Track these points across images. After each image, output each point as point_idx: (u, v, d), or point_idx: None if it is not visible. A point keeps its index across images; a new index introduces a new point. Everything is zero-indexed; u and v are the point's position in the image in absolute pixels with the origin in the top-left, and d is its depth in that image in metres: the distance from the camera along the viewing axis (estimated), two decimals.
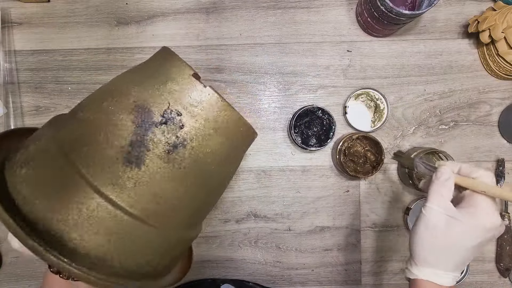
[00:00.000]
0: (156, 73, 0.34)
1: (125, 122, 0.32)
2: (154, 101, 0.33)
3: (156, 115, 0.32)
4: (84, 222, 0.30)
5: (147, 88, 0.33)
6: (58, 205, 0.30)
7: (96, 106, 0.34)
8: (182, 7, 0.66)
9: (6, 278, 0.66)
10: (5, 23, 0.65)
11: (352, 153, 0.63)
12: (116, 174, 0.31)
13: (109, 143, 0.31)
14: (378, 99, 0.64)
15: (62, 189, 0.31)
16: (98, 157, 0.31)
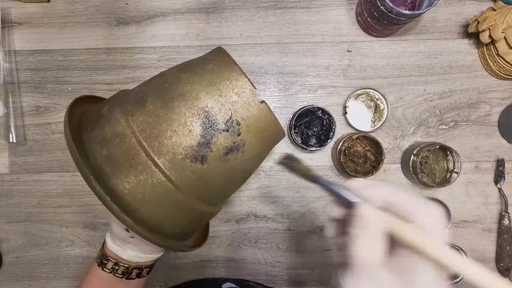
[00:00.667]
0: (219, 81, 0.39)
1: (195, 125, 0.38)
2: (220, 110, 0.38)
3: (220, 123, 0.38)
4: (147, 198, 0.38)
5: (213, 95, 0.39)
6: (131, 183, 0.37)
7: (166, 103, 0.38)
8: (182, 7, 0.66)
9: (6, 278, 0.66)
10: (5, 23, 0.65)
11: (352, 153, 0.63)
12: (183, 167, 0.38)
13: (180, 141, 0.37)
14: (378, 99, 0.64)
15: (134, 169, 0.37)
16: (168, 151, 0.37)
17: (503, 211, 0.65)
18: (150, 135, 0.37)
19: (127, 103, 0.40)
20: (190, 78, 0.40)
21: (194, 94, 0.38)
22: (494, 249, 0.66)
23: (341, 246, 0.25)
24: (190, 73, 0.40)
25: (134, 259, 0.44)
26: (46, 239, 0.66)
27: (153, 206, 0.38)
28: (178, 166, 0.37)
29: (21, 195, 0.66)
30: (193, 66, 0.42)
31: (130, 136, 0.37)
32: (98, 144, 0.38)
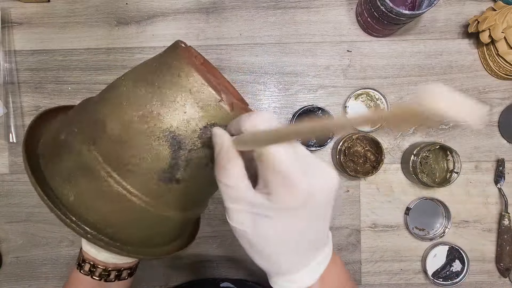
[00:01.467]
0: (180, 95, 0.35)
1: (162, 148, 0.35)
2: (186, 128, 0.35)
3: (188, 142, 0.35)
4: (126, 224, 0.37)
5: (176, 113, 0.35)
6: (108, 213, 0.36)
7: (127, 128, 0.36)
8: (182, 7, 0.66)
9: (6, 278, 0.66)
10: (5, 23, 0.65)
11: (352, 153, 0.63)
12: (159, 190, 0.36)
13: (150, 166, 0.35)
14: (378, 99, 0.64)
15: (110, 201, 0.36)
16: (140, 177, 0.36)
17: (503, 211, 0.65)
18: (118, 165, 0.35)
19: (85, 128, 0.37)
20: (149, 93, 0.36)
21: (155, 113, 0.35)
22: (494, 249, 0.66)
23: None
24: (148, 86, 0.36)
25: (110, 260, 0.42)
26: (46, 239, 0.66)
27: (133, 229, 0.38)
28: (153, 190, 0.36)
29: (21, 195, 0.66)
30: (149, 74, 0.37)
31: (97, 169, 0.35)
32: (65, 181, 0.37)
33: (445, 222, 0.65)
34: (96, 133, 0.36)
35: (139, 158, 0.35)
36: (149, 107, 0.35)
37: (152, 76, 0.37)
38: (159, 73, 0.37)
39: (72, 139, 0.37)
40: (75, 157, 0.36)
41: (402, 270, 0.66)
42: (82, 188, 0.36)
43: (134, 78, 0.38)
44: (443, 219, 0.66)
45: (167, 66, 0.37)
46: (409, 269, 0.67)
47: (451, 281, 0.65)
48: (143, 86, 0.37)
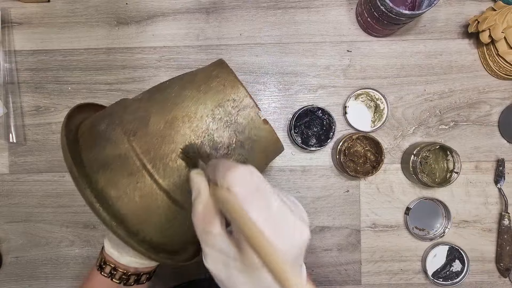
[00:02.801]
0: (224, 102, 0.38)
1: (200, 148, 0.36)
2: (224, 131, 0.37)
3: (225, 145, 0.37)
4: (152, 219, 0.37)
5: (218, 117, 0.38)
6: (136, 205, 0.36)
7: (171, 124, 0.37)
8: (182, 7, 0.66)
9: (6, 278, 0.66)
10: (5, 23, 0.65)
11: (352, 153, 0.63)
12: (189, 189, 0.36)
13: (185, 164, 0.36)
14: (378, 99, 0.64)
15: (139, 191, 0.36)
16: (173, 173, 0.36)
17: (503, 211, 0.65)
18: (154, 157, 0.36)
19: (127, 122, 0.38)
20: (194, 97, 0.38)
21: (199, 115, 0.37)
22: (494, 249, 0.66)
23: None
24: (194, 91, 0.39)
25: (132, 265, 0.43)
26: (46, 239, 0.66)
27: (158, 227, 0.38)
28: (184, 188, 0.36)
29: (21, 195, 0.66)
30: (196, 83, 0.40)
31: (133, 158, 0.36)
32: (99, 166, 0.37)
33: (445, 222, 0.65)
34: (138, 126, 0.37)
35: (177, 153, 0.36)
36: (194, 109, 0.38)
37: (198, 83, 0.40)
38: (206, 80, 0.40)
39: (112, 129, 0.38)
40: (113, 146, 0.37)
41: (402, 270, 0.66)
42: (114, 176, 0.36)
43: (182, 84, 0.41)
44: (443, 219, 0.66)
45: (213, 76, 0.40)
46: (409, 269, 0.67)
47: (451, 281, 0.65)
48: (189, 89, 0.39)
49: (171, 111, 0.38)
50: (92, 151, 0.38)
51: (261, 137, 0.39)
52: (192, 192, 0.31)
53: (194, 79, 0.41)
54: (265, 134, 0.40)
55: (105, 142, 0.38)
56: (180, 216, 0.38)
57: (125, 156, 0.36)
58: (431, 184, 0.61)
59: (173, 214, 0.37)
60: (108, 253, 0.43)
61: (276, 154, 0.44)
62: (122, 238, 0.35)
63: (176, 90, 0.40)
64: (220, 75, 0.40)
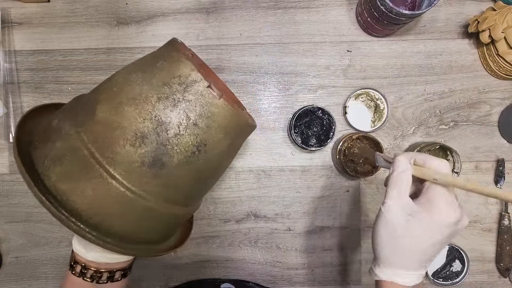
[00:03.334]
0: (170, 80, 0.36)
1: (148, 131, 0.35)
2: (173, 111, 0.35)
3: (175, 126, 0.36)
4: (110, 210, 0.36)
5: (164, 96, 0.36)
6: (89, 197, 0.35)
7: (116, 109, 0.36)
8: (182, 7, 0.66)
9: (6, 278, 0.66)
10: (5, 23, 0.65)
11: (352, 153, 0.63)
12: (141, 174, 0.36)
13: (134, 149, 0.35)
14: (378, 99, 0.64)
15: (91, 183, 0.35)
16: (123, 160, 0.35)
17: (503, 211, 0.65)
18: (102, 146, 0.35)
19: (77, 114, 0.38)
20: (140, 78, 0.37)
21: (144, 96, 0.36)
22: (494, 249, 0.66)
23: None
24: (140, 72, 0.38)
25: (101, 260, 0.41)
26: (46, 239, 0.66)
27: (118, 217, 0.37)
28: (135, 174, 0.35)
29: (21, 195, 0.66)
30: (143, 65, 0.39)
31: (81, 149, 0.35)
32: (50, 161, 0.36)
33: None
34: (86, 116, 0.37)
35: (124, 139, 0.35)
36: (138, 91, 0.36)
37: (145, 66, 0.38)
38: (152, 61, 0.38)
39: (63, 123, 0.38)
40: (63, 139, 0.36)
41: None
42: (65, 170, 0.35)
43: (129, 68, 0.40)
44: None
45: (160, 56, 0.39)
46: None
47: (451, 281, 0.65)
48: (135, 73, 0.38)
49: (116, 96, 0.37)
50: (44, 148, 0.37)
51: (216, 113, 0.37)
52: (392, 164, 0.40)
53: (142, 62, 0.40)
54: (220, 110, 0.37)
55: (55, 137, 0.37)
56: (139, 204, 0.36)
57: (74, 147, 0.35)
58: None
59: (130, 202, 0.36)
60: (76, 251, 0.42)
61: (244, 131, 0.41)
62: (78, 232, 0.34)
63: (122, 74, 0.39)
64: (166, 53, 0.38)
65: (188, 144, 0.36)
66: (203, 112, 0.36)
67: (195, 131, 0.36)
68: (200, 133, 0.37)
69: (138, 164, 0.35)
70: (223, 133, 0.38)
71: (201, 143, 0.37)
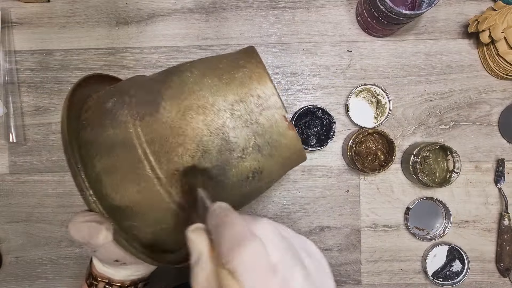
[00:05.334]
0: (247, 98, 0.33)
1: (211, 146, 0.32)
2: (242, 131, 0.33)
3: (240, 147, 0.33)
4: (146, 216, 0.34)
5: (238, 113, 0.33)
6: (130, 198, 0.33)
7: (183, 114, 0.33)
8: (182, 7, 0.66)
9: (6, 278, 0.66)
10: (5, 23, 0.65)
11: (362, 149, 0.63)
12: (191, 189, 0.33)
13: (192, 161, 0.32)
14: (379, 94, 0.64)
15: (136, 184, 0.33)
16: (177, 170, 0.32)
17: (503, 211, 0.65)
18: (159, 150, 0.32)
19: (137, 103, 0.34)
20: (214, 86, 0.34)
21: (216, 108, 0.33)
22: (494, 249, 0.66)
23: None
24: (215, 79, 0.34)
25: (128, 278, 0.40)
26: (46, 239, 0.66)
27: (151, 225, 0.34)
28: (186, 187, 0.33)
29: (21, 195, 0.66)
30: (219, 70, 0.35)
31: (136, 146, 0.32)
32: (98, 149, 0.34)
33: (445, 222, 0.65)
34: (147, 110, 0.33)
35: (184, 148, 0.32)
36: (211, 100, 0.33)
37: (222, 71, 0.35)
38: (230, 69, 0.35)
39: (119, 109, 0.34)
40: (117, 128, 0.33)
41: (402, 270, 0.67)
42: (112, 163, 0.33)
43: (202, 68, 0.36)
44: (443, 219, 0.66)
45: (240, 65, 0.35)
46: (409, 269, 0.67)
47: (451, 281, 0.65)
48: (210, 77, 0.34)
49: (186, 98, 0.33)
50: (93, 131, 0.34)
51: (283, 144, 0.35)
52: (191, 252, 0.25)
53: (217, 66, 0.36)
54: (288, 141, 0.35)
55: (109, 123, 0.34)
56: (178, 217, 0.34)
57: (128, 142, 0.33)
58: (431, 184, 0.61)
59: (170, 213, 0.34)
60: (101, 271, 0.40)
61: (296, 163, 0.39)
62: (120, 241, 0.33)
63: (195, 75, 0.35)
64: (248, 66, 0.35)
65: (246, 169, 0.34)
66: (272, 140, 0.34)
67: (258, 157, 0.34)
68: (261, 160, 0.34)
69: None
70: (281, 164, 0.36)
71: (258, 170, 0.35)
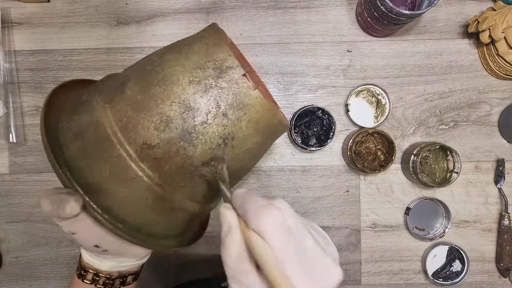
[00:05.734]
0: (204, 64, 0.34)
1: (174, 115, 0.33)
2: (203, 97, 0.33)
3: (203, 113, 0.33)
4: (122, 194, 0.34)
5: (197, 80, 0.33)
6: (105, 178, 0.33)
7: (145, 89, 0.34)
8: (182, 7, 0.66)
9: (6, 278, 0.66)
10: (5, 23, 0.65)
11: (362, 150, 0.63)
12: (162, 161, 0.33)
13: (157, 133, 0.33)
14: (379, 94, 0.64)
15: (108, 162, 0.33)
16: (145, 143, 0.33)
17: (503, 211, 0.65)
18: (126, 126, 0.33)
19: (107, 89, 0.36)
20: (174, 59, 0.35)
21: (175, 78, 0.34)
22: (494, 249, 0.66)
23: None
24: (175, 54, 0.36)
25: (115, 269, 0.40)
26: (46, 239, 0.66)
27: (131, 203, 0.34)
28: (156, 160, 0.33)
29: (21, 195, 0.66)
30: (180, 46, 0.37)
31: (104, 125, 0.33)
32: (73, 134, 0.35)
33: (445, 222, 0.65)
34: (115, 92, 0.35)
35: (149, 121, 0.33)
36: (170, 71, 0.34)
37: (182, 46, 0.37)
38: (190, 42, 0.37)
39: (92, 98, 0.36)
40: (88, 113, 0.35)
41: (402, 270, 0.67)
42: (85, 145, 0.34)
43: (166, 48, 0.38)
44: (443, 219, 0.66)
45: (198, 38, 0.37)
46: (409, 269, 0.67)
47: (451, 281, 0.65)
48: (171, 53, 0.36)
49: (148, 76, 0.35)
50: (69, 120, 0.36)
51: (249, 105, 0.34)
52: (221, 226, 0.28)
53: (179, 43, 0.38)
54: (253, 102, 0.34)
55: (82, 110, 0.36)
56: (155, 193, 0.34)
57: (98, 123, 0.34)
58: (431, 184, 0.61)
59: (146, 189, 0.34)
60: (88, 261, 0.40)
61: (275, 130, 0.38)
62: (92, 214, 0.33)
63: (158, 54, 0.37)
64: (206, 36, 0.36)
65: (214, 135, 0.34)
66: (235, 102, 0.34)
67: (224, 121, 0.34)
68: (229, 125, 0.34)
69: (161, 150, 0.33)
70: (253, 129, 0.35)
71: (229, 136, 0.34)
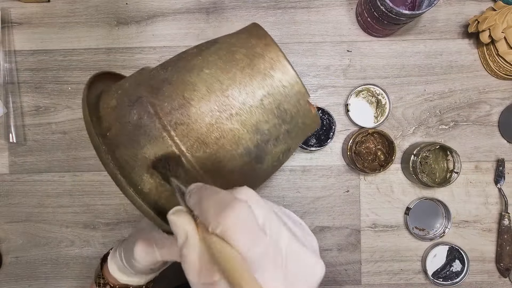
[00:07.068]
0: (272, 87, 0.34)
1: (250, 143, 0.33)
2: (272, 125, 0.34)
3: (272, 138, 0.34)
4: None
5: (267, 106, 0.34)
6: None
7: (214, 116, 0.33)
8: (182, 7, 0.66)
9: (6, 278, 0.66)
10: (5, 23, 0.65)
11: (362, 149, 0.63)
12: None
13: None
14: (379, 94, 0.64)
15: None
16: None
17: (503, 211, 0.65)
18: (202, 154, 0.32)
19: (165, 112, 0.34)
20: (238, 82, 0.34)
21: (248, 106, 0.33)
22: (494, 249, 0.66)
23: None
24: (237, 73, 0.34)
25: (136, 283, 0.43)
26: (46, 239, 0.66)
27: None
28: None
29: (21, 195, 0.66)
30: (238, 62, 0.34)
31: (183, 160, 0.32)
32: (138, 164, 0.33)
33: (445, 222, 0.65)
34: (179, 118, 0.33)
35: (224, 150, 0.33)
36: (241, 99, 0.33)
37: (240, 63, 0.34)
38: (249, 60, 0.34)
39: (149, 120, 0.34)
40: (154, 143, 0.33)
41: (402, 270, 0.67)
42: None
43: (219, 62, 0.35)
44: (443, 219, 0.66)
45: (257, 54, 0.35)
46: (409, 269, 0.67)
47: (451, 281, 0.65)
48: (233, 72, 0.34)
49: (215, 100, 0.32)
50: (128, 149, 0.33)
51: (307, 124, 0.36)
52: (176, 236, 0.24)
53: (233, 57, 0.34)
54: (311, 121, 0.37)
55: (143, 138, 0.33)
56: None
57: (171, 155, 0.32)
58: (431, 184, 0.61)
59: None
60: (114, 275, 0.43)
61: (311, 130, 0.41)
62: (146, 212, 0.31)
63: (215, 71, 0.34)
64: (266, 54, 0.34)
65: (278, 152, 0.36)
66: (298, 123, 0.36)
67: (287, 140, 0.36)
68: (290, 142, 0.37)
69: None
70: (302, 139, 0.39)
71: (287, 149, 0.37)
